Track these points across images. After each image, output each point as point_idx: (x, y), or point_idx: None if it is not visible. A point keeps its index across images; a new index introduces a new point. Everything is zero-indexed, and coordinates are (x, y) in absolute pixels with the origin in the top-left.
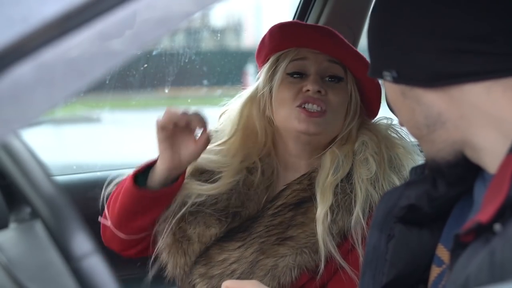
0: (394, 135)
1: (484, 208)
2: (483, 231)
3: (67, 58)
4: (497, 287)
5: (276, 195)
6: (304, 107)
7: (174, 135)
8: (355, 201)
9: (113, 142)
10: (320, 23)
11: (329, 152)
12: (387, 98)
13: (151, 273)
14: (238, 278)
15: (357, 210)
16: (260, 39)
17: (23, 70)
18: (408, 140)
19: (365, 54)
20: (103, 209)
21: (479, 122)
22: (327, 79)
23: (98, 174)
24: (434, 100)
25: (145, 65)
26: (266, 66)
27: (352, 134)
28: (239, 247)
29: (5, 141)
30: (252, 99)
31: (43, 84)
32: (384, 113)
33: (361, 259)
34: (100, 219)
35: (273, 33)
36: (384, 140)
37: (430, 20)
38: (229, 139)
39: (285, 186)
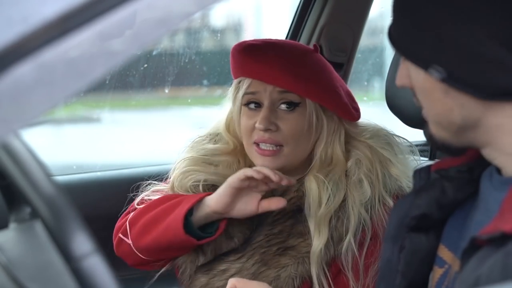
0: (387, 149)
1: (506, 216)
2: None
3: (67, 58)
4: (506, 285)
5: None
6: (259, 146)
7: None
8: (347, 227)
9: (113, 142)
10: (320, 23)
11: (313, 177)
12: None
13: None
14: None
15: (349, 237)
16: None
17: (23, 70)
18: (400, 150)
19: (366, 54)
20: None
21: None
22: (282, 106)
23: (98, 174)
24: (478, 107)
25: (145, 65)
26: (231, 89)
27: (337, 154)
28: (239, 257)
29: (5, 141)
30: (231, 117)
31: (43, 84)
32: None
33: (351, 283)
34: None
35: (232, 56)
36: (377, 155)
37: (507, 27)
38: (233, 149)
39: (282, 191)
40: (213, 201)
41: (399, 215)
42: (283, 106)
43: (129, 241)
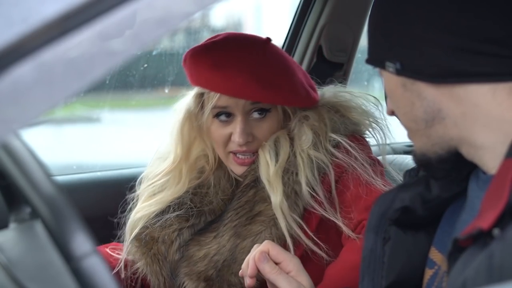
0: (343, 99)
1: (484, 213)
2: (482, 235)
3: (67, 58)
4: (495, 287)
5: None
6: (237, 155)
7: None
8: (300, 177)
9: (113, 142)
10: (320, 23)
11: (261, 147)
12: (385, 89)
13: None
14: (222, 266)
15: (305, 176)
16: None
17: (23, 70)
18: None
19: (366, 54)
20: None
21: (481, 121)
22: (254, 114)
23: (98, 174)
24: (435, 95)
25: (145, 65)
26: (192, 95)
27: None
28: (214, 237)
29: (5, 141)
30: (189, 117)
31: (43, 84)
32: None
33: (340, 224)
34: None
35: (190, 65)
36: (327, 115)
37: (447, 16)
38: (174, 164)
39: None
40: None
41: (382, 207)
42: (256, 114)
43: None
